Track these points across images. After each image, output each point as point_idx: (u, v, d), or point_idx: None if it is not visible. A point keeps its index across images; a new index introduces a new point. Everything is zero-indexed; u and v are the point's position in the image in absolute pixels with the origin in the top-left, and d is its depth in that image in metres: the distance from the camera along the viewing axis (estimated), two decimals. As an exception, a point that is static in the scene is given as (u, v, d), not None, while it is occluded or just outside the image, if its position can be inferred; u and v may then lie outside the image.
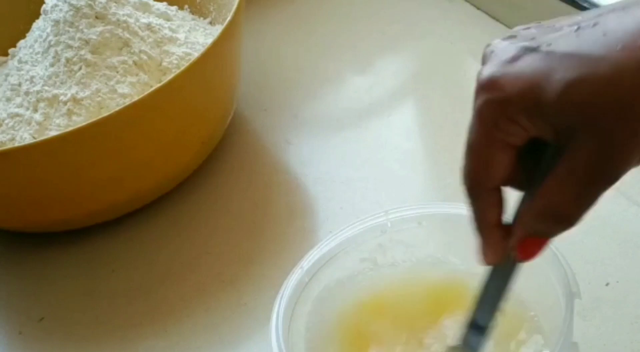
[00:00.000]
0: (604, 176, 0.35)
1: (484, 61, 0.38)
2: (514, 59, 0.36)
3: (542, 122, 0.36)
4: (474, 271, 0.49)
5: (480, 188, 0.39)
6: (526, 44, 0.37)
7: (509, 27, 0.80)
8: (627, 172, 0.35)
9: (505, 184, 0.40)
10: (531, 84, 0.35)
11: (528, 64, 0.36)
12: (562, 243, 0.58)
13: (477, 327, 0.44)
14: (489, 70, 0.37)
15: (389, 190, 0.68)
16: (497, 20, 0.82)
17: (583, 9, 0.70)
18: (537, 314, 0.48)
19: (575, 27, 0.36)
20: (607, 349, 0.51)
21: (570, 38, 0.35)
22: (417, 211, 0.52)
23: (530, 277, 0.44)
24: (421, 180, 0.70)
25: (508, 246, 0.40)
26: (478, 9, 0.84)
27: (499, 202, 0.40)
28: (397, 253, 0.52)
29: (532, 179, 0.39)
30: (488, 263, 0.41)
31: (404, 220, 0.52)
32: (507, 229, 0.40)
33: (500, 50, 0.37)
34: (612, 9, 0.35)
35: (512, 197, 0.40)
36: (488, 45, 0.39)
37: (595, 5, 0.70)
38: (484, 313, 0.43)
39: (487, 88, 0.37)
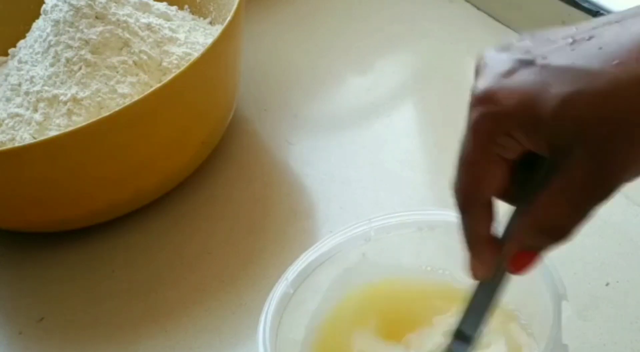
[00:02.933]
0: (598, 192, 0.35)
1: (477, 73, 0.38)
2: (510, 72, 0.36)
3: (538, 136, 0.35)
4: (459, 278, 0.49)
5: (472, 202, 0.39)
6: (521, 57, 0.36)
7: (509, 27, 0.80)
8: (621, 187, 0.35)
9: (497, 196, 0.39)
10: (527, 98, 0.35)
11: (524, 78, 0.35)
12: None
13: (463, 336, 0.44)
14: (484, 83, 0.36)
15: (389, 190, 0.68)
16: (497, 20, 0.82)
17: (583, 9, 0.70)
18: (526, 317, 0.48)
19: (571, 40, 0.35)
20: (607, 349, 0.51)
21: (565, 51, 0.35)
22: (401, 218, 0.52)
23: (517, 281, 0.44)
24: (421, 180, 0.70)
25: (499, 260, 0.39)
26: (478, 9, 0.84)
27: (490, 216, 0.39)
28: (382, 261, 0.52)
29: (524, 192, 0.39)
30: (478, 278, 0.41)
31: (387, 228, 0.52)
32: (497, 243, 0.40)
33: (494, 62, 0.37)
34: (608, 21, 0.35)
35: (502, 209, 0.40)
36: (481, 57, 0.38)
37: (594, 5, 0.70)
38: (470, 323, 0.43)
39: (483, 101, 0.36)
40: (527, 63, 0.36)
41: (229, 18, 0.68)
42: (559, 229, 0.37)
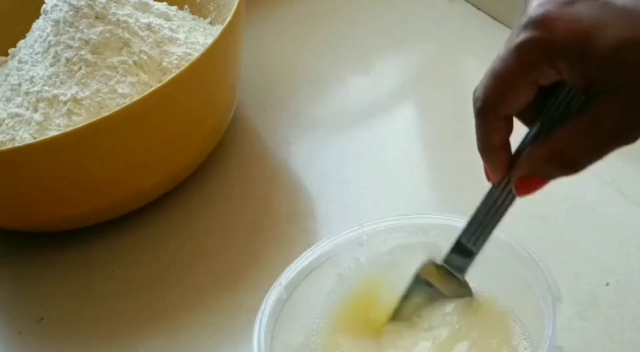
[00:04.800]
0: (627, 136, 0.36)
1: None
2: (570, 2, 0.36)
3: (581, 71, 0.36)
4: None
5: (493, 114, 0.40)
6: None
7: (509, 27, 0.80)
8: None
9: (515, 115, 0.41)
10: (583, 33, 0.35)
11: (583, 11, 0.35)
12: (561, 243, 0.58)
13: (462, 250, 0.44)
14: (544, 7, 0.36)
15: (389, 190, 0.68)
16: (497, 20, 0.82)
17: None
18: (520, 319, 0.48)
19: None
20: (607, 349, 0.51)
21: None
22: (392, 222, 0.52)
23: (512, 283, 0.44)
24: (421, 180, 0.70)
25: (509, 173, 0.41)
26: (478, 9, 0.84)
27: (508, 129, 0.41)
28: (374, 266, 0.52)
29: (542, 118, 0.40)
30: (492, 182, 0.42)
31: (379, 232, 0.52)
32: (510, 152, 0.41)
33: None
34: None
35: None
36: None
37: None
38: (471, 236, 0.44)
39: (538, 26, 0.36)
40: None
41: (229, 18, 0.68)
42: (573, 163, 0.38)
